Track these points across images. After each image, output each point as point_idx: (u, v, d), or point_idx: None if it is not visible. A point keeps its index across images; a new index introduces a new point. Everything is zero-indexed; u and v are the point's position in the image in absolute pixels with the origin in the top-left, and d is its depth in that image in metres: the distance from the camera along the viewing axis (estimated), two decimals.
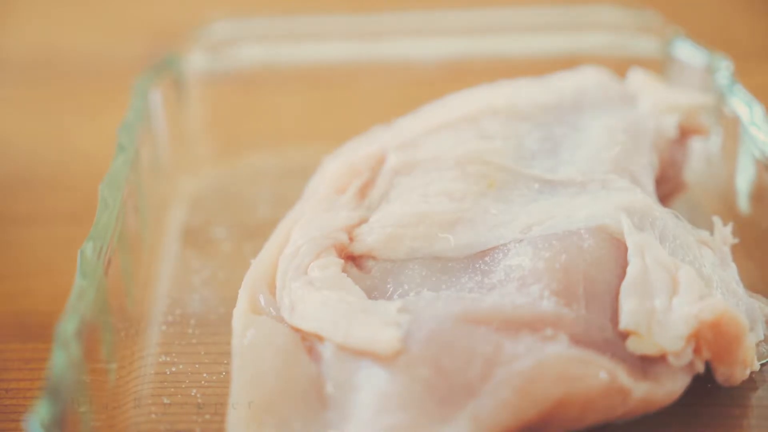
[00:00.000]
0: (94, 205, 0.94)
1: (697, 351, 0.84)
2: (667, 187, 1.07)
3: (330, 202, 0.98)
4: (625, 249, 0.88)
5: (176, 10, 1.73)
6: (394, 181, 1.00)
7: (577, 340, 0.83)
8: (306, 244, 0.93)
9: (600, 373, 0.81)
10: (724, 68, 1.14)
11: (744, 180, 1.07)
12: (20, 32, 1.69)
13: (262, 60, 1.31)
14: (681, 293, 0.85)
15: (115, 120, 1.09)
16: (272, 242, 0.96)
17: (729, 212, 1.09)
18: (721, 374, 0.86)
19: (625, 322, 0.83)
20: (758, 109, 1.06)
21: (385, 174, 1.00)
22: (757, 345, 0.89)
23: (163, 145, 1.19)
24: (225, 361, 0.91)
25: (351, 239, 0.94)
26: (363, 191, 1.00)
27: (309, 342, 0.85)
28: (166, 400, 0.89)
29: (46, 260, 1.13)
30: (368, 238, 0.93)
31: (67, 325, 0.80)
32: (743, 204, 1.08)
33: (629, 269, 0.86)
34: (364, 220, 0.96)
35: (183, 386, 0.91)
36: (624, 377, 0.81)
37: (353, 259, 0.93)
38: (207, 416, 0.88)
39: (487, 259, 0.90)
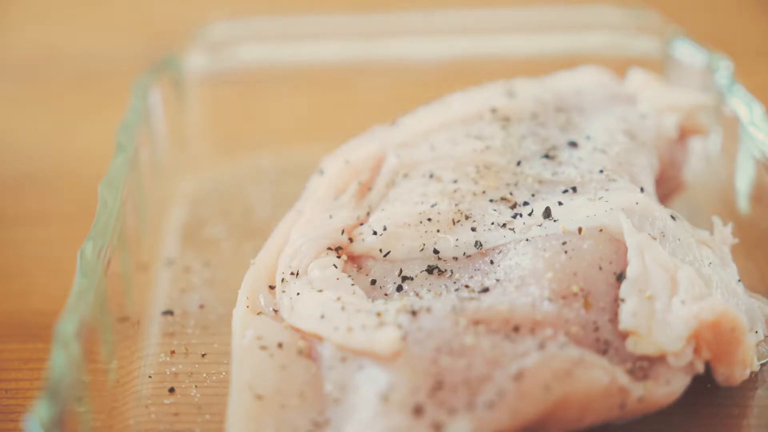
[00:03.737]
0: (94, 205, 0.94)
1: (696, 351, 0.84)
2: (667, 186, 1.07)
3: (329, 202, 0.98)
4: (625, 249, 0.87)
5: (176, 10, 1.73)
6: (394, 181, 1.00)
7: (577, 341, 0.83)
8: (305, 244, 0.93)
9: (599, 374, 0.80)
10: (724, 68, 1.14)
11: (744, 180, 1.07)
12: (20, 32, 1.69)
13: (261, 60, 1.31)
14: (681, 293, 0.85)
15: (115, 120, 1.09)
16: (272, 242, 0.96)
17: (729, 212, 1.09)
18: (720, 374, 0.86)
19: (624, 322, 0.83)
20: (758, 108, 1.06)
21: (385, 174, 1.00)
22: (757, 345, 0.89)
23: (162, 145, 1.19)
24: (225, 361, 0.91)
25: (351, 239, 0.94)
26: (362, 191, 1.00)
27: (308, 342, 0.85)
28: (166, 400, 0.89)
29: (46, 260, 1.13)
30: (368, 238, 0.93)
31: (67, 325, 0.80)
32: (743, 204, 1.08)
33: (629, 269, 0.86)
34: (363, 221, 0.96)
35: (183, 386, 0.91)
36: (623, 378, 0.81)
37: (353, 259, 0.93)
38: (207, 416, 0.88)
39: (487, 258, 0.90)
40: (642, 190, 0.95)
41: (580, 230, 0.89)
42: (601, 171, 0.96)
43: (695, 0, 1.68)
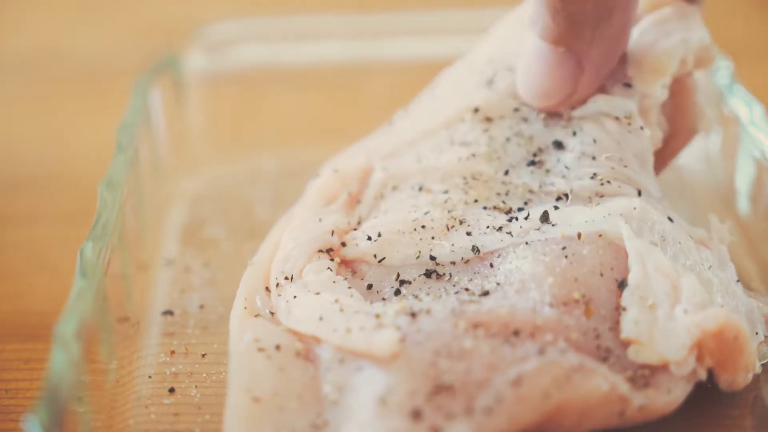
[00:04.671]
0: (94, 205, 0.94)
1: (699, 359, 0.83)
2: (679, 139, 1.01)
3: (319, 207, 0.97)
4: (626, 255, 0.86)
5: (176, 10, 1.73)
6: (383, 194, 0.97)
7: (578, 347, 0.82)
8: (296, 248, 0.92)
9: (599, 381, 0.80)
10: (724, 68, 1.14)
11: (744, 180, 1.07)
12: (20, 32, 1.69)
13: (261, 60, 1.31)
14: (683, 302, 0.84)
15: (115, 120, 1.09)
16: (266, 246, 0.95)
17: (729, 212, 1.08)
18: (723, 381, 0.85)
19: (626, 331, 0.82)
20: (758, 109, 1.06)
21: (373, 187, 0.98)
22: (758, 346, 0.89)
23: (162, 145, 1.19)
24: (224, 361, 0.91)
25: (343, 244, 0.93)
26: (351, 203, 0.98)
27: (306, 344, 0.85)
28: (165, 401, 0.89)
29: (46, 260, 1.13)
30: (362, 243, 0.92)
31: (67, 325, 0.80)
32: (743, 204, 1.08)
33: (630, 277, 0.85)
34: (354, 227, 0.95)
35: (183, 386, 0.91)
36: (624, 386, 0.81)
37: (346, 264, 0.92)
38: (207, 416, 0.88)
39: (486, 263, 0.90)
40: (639, 193, 0.94)
41: (579, 235, 0.88)
42: (592, 177, 0.93)
43: None
